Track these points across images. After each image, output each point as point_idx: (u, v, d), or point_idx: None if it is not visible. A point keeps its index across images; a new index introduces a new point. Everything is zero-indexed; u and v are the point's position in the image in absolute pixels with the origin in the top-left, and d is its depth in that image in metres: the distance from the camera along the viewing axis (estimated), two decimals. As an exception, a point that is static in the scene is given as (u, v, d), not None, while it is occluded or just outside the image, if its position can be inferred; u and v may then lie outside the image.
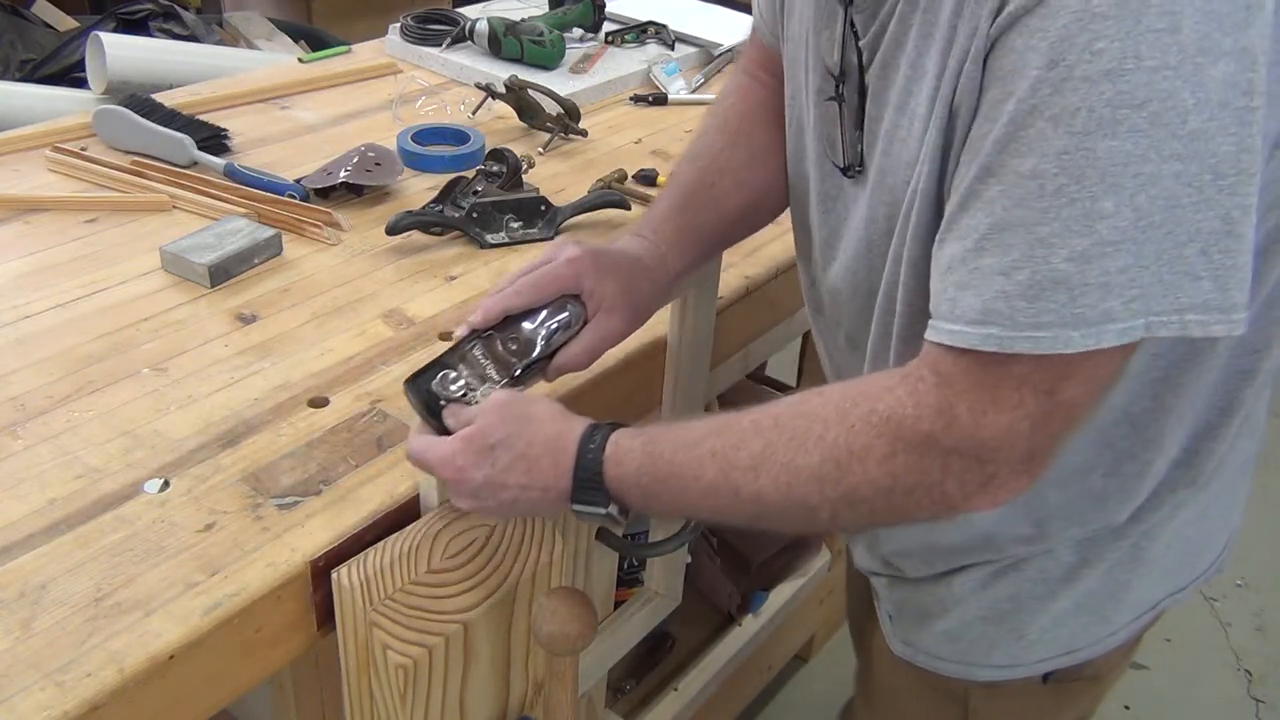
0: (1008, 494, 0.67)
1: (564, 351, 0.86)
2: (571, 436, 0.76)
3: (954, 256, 0.64)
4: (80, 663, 0.70)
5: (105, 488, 0.85)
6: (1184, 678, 2.09)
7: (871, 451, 0.67)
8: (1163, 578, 0.91)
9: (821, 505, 0.69)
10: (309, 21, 3.25)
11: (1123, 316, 0.60)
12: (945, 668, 0.95)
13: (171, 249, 1.12)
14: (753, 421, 0.72)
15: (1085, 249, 0.59)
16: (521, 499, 0.77)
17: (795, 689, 2.02)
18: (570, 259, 0.87)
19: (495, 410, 0.78)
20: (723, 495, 0.72)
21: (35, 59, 2.28)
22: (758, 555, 1.83)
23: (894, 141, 0.74)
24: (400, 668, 0.80)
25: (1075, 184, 0.58)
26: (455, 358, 0.84)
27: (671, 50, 1.83)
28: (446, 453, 0.77)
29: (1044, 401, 0.63)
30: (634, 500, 0.76)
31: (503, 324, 0.85)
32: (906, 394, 0.66)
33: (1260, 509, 1.01)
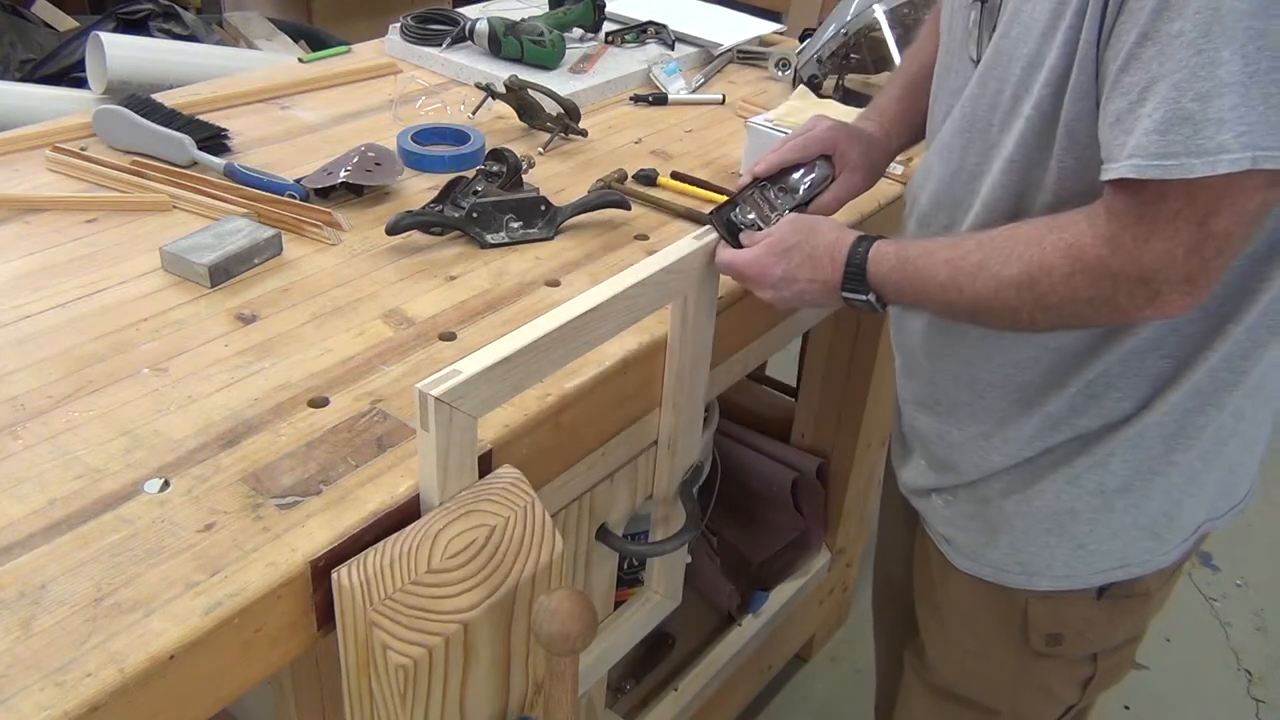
0: (1175, 309, 0.81)
1: (818, 199, 1.12)
2: (845, 242, 0.98)
3: (1120, 109, 0.78)
4: (80, 663, 0.70)
5: (105, 488, 0.85)
6: (1184, 678, 2.09)
7: (1057, 269, 0.83)
8: (1208, 502, 1.04)
9: (1020, 308, 0.86)
10: (309, 21, 3.24)
11: (1233, 148, 0.73)
12: (1009, 578, 1.08)
13: (171, 249, 1.12)
14: (977, 240, 0.90)
15: (1207, 90, 0.73)
16: (808, 290, 1.00)
17: (795, 689, 2.02)
18: (829, 127, 1.12)
19: (789, 224, 1.03)
20: (950, 292, 0.90)
21: (35, 59, 2.27)
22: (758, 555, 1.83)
23: (1014, 24, 0.89)
24: (400, 668, 0.80)
25: (1204, 38, 0.72)
26: (741, 198, 1.10)
27: (671, 50, 1.83)
28: (751, 256, 1.02)
29: (1196, 231, 0.77)
30: (888, 292, 0.96)
31: (775, 176, 1.12)
32: (1088, 225, 0.82)
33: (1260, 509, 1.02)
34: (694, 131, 1.59)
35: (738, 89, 1.76)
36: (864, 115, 1.21)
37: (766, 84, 1.79)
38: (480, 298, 1.14)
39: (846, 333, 1.72)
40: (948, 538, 1.12)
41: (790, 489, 1.84)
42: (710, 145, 1.55)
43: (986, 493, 1.06)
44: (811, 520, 1.86)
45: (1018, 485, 1.03)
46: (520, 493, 0.89)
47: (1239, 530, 2.40)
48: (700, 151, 1.52)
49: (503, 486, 0.89)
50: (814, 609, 1.94)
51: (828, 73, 1.69)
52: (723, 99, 1.70)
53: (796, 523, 1.86)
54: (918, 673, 1.27)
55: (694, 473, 1.22)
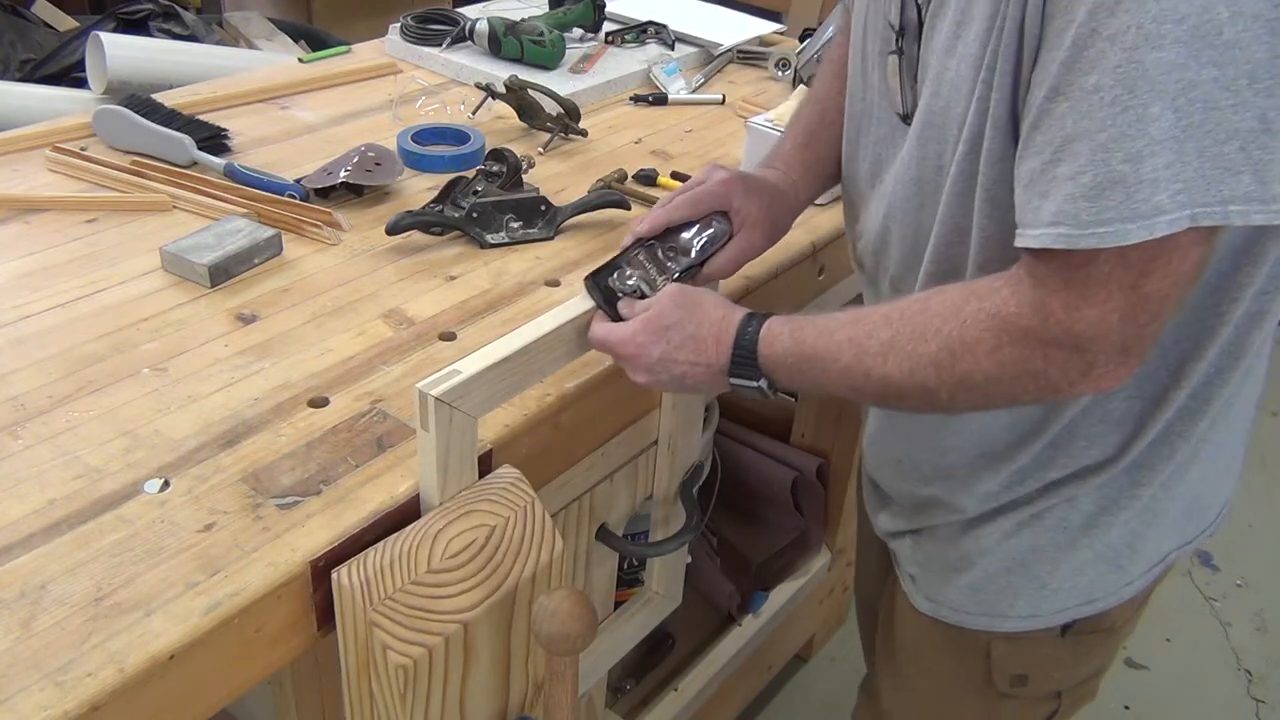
0: (1110, 381, 0.75)
1: (712, 261, 1.00)
2: (732, 321, 0.88)
3: (1033, 170, 0.72)
4: (80, 663, 0.70)
5: (105, 488, 0.85)
6: (1184, 678, 2.09)
7: (981, 343, 0.76)
8: (1174, 529, 0.98)
9: (940, 388, 0.79)
10: (309, 21, 3.24)
11: (1170, 209, 0.67)
12: (969, 620, 1.02)
13: (171, 249, 1.13)
14: (883, 314, 0.82)
15: (1139, 150, 0.67)
16: (690, 374, 0.89)
17: (795, 689, 2.02)
18: (722, 180, 1.00)
19: (669, 298, 0.91)
20: (855, 377, 0.82)
21: (35, 59, 2.28)
22: (758, 555, 1.83)
23: (941, 83, 0.82)
24: (400, 668, 0.80)
25: (1129, 94, 0.66)
26: (624, 261, 0.97)
27: (671, 50, 1.83)
28: (626, 333, 0.90)
29: (1129, 296, 0.71)
30: (781, 378, 0.87)
31: (663, 234, 0.99)
32: (1010, 293, 0.75)
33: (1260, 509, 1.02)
34: (694, 131, 1.59)
35: (738, 89, 1.76)
36: (765, 164, 1.09)
37: (766, 84, 1.79)
38: (480, 298, 1.14)
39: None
40: (913, 576, 1.07)
41: (790, 489, 1.84)
42: (710, 145, 1.55)
43: (947, 532, 1.01)
44: (811, 520, 1.86)
45: (977, 525, 0.98)
46: (520, 493, 0.89)
47: (1239, 530, 2.41)
48: (700, 151, 1.52)
49: (503, 486, 0.89)
50: (814, 609, 1.94)
51: (828, 73, 1.68)
52: (723, 99, 1.70)
53: (796, 523, 1.86)
54: (871, 714, 1.23)
55: (694, 473, 1.22)
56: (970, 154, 0.81)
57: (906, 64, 0.88)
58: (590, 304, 0.94)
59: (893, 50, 0.89)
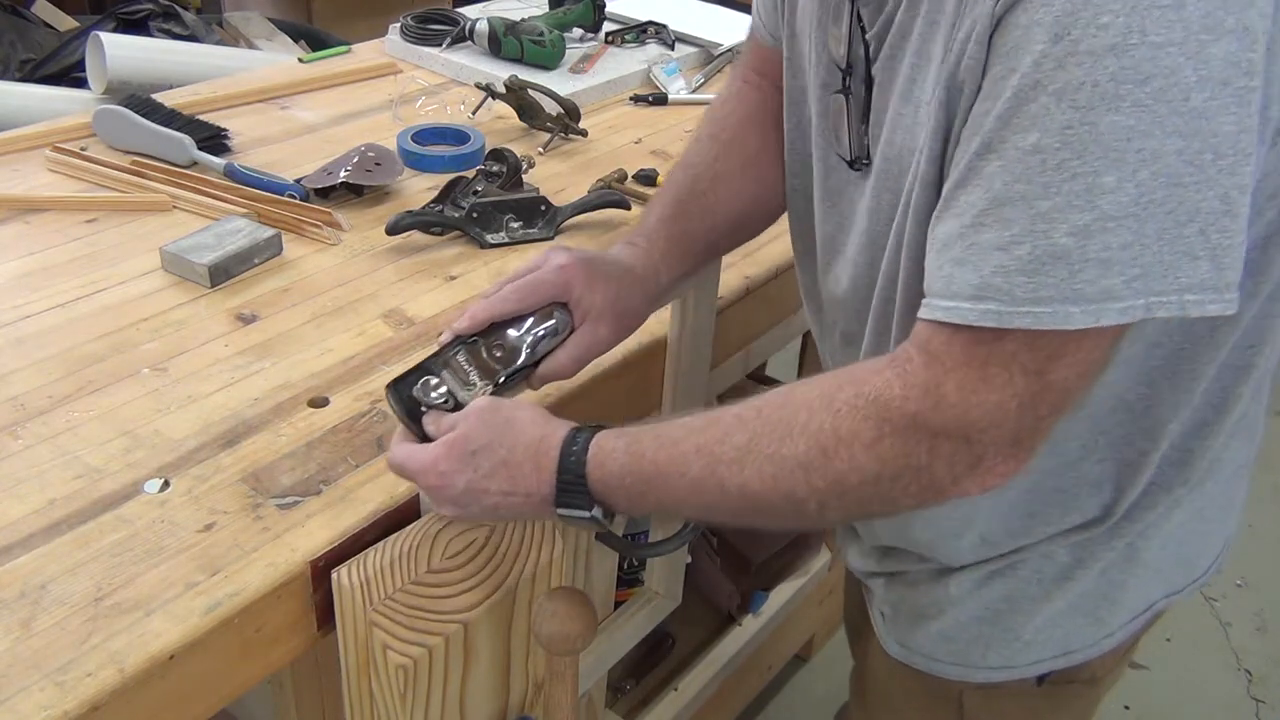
0: (996, 478, 0.66)
1: (550, 359, 0.86)
2: (553, 441, 0.76)
3: (950, 233, 0.63)
4: (80, 663, 0.70)
5: (105, 488, 0.85)
6: (1184, 678, 2.09)
7: (858, 436, 0.66)
8: (1158, 579, 0.91)
9: (809, 496, 0.68)
10: (309, 21, 3.25)
11: (1124, 295, 0.59)
12: (940, 669, 0.95)
13: (171, 249, 1.12)
14: (736, 415, 0.71)
15: (1087, 224, 0.58)
16: (504, 505, 0.77)
17: (795, 689, 2.02)
18: (560, 266, 0.86)
19: (476, 416, 0.78)
20: (709, 491, 0.71)
21: (35, 59, 2.28)
22: (758, 555, 1.83)
23: (897, 130, 0.74)
24: (400, 668, 0.80)
25: (1078, 158, 0.58)
26: (439, 363, 0.82)
27: (671, 50, 1.83)
28: (427, 460, 0.77)
29: (1033, 382, 0.63)
30: (618, 501, 0.75)
31: (488, 330, 0.84)
32: (894, 375, 0.66)
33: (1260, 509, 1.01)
34: (693, 131, 1.59)
35: (738, 89, 1.76)
36: (627, 239, 0.94)
37: (766, 84, 1.79)
38: (480, 298, 1.14)
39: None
40: (884, 614, 0.99)
41: (790, 489, 1.83)
42: (710, 145, 1.55)
43: (916, 576, 0.93)
44: (811, 520, 1.85)
45: (948, 572, 0.91)
46: (520, 493, 0.89)
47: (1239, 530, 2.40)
48: (700, 151, 1.52)
49: (503, 486, 0.89)
50: (814, 609, 1.94)
51: (827, 73, 1.68)
52: (723, 99, 1.70)
53: (796, 523, 1.85)
54: None
55: (694, 473, 1.22)
56: (902, 211, 0.73)
57: (854, 104, 0.79)
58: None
59: (838, 90, 0.80)
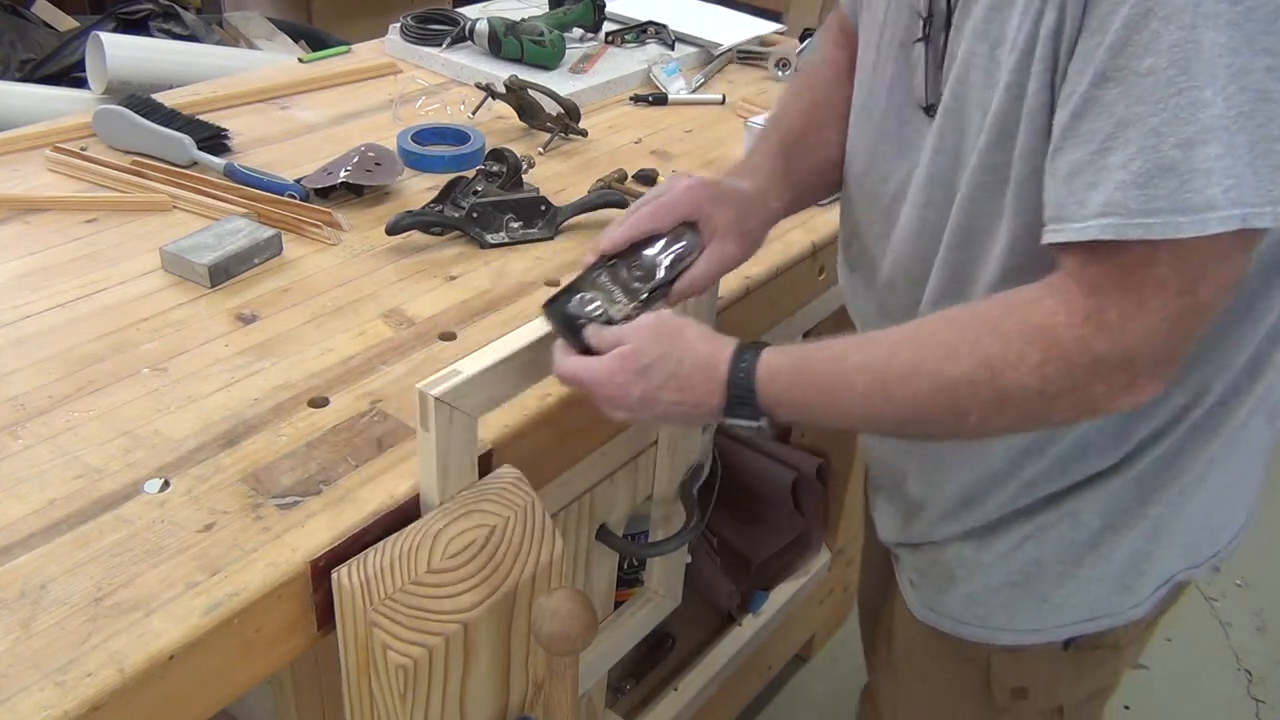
0: (1145, 395, 0.71)
1: (685, 276, 0.91)
2: (723, 356, 0.81)
3: (1079, 160, 0.68)
4: (80, 663, 0.70)
5: (105, 488, 0.85)
6: (1184, 678, 2.09)
7: (1025, 359, 0.70)
8: (1182, 551, 0.94)
9: (972, 409, 0.73)
10: (309, 21, 3.24)
11: (1222, 205, 0.63)
12: (968, 631, 0.98)
13: (171, 249, 1.13)
14: (899, 336, 0.77)
15: (1191, 136, 0.63)
16: (674, 412, 0.82)
17: (795, 689, 2.02)
18: (687, 188, 0.91)
19: (648, 330, 0.82)
20: (874, 402, 0.76)
21: (35, 59, 2.28)
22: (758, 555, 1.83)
23: (969, 69, 0.78)
24: (400, 668, 0.80)
25: (1183, 75, 0.62)
26: (585, 283, 0.87)
27: (671, 50, 1.83)
28: (601, 372, 0.82)
29: (1183, 301, 0.67)
30: (783, 413, 0.80)
31: (627, 251, 0.89)
32: (1057, 303, 0.70)
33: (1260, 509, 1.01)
34: (694, 131, 1.59)
35: (738, 89, 1.76)
36: (733, 173, 0.99)
37: (766, 84, 1.79)
38: (480, 298, 1.14)
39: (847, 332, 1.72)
40: (914, 584, 1.04)
41: (790, 489, 1.84)
42: (710, 145, 1.55)
43: (947, 542, 0.97)
44: (811, 520, 1.85)
45: (979, 535, 0.94)
46: (520, 493, 0.89)
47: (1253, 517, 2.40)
48: (700, 151, 1.52)
49: (503, 486, 0.89)
50: (814, 609, 1.94)
51: (828, 73, 1.68)
52: (723, 99, 1.70)
53: (796, 523, 1.86)
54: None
55: (694, 473, 1.22)
56: (995, 147, 0.76)
57: (933, 53, 0.83)
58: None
59: (919, 38, 0.85)
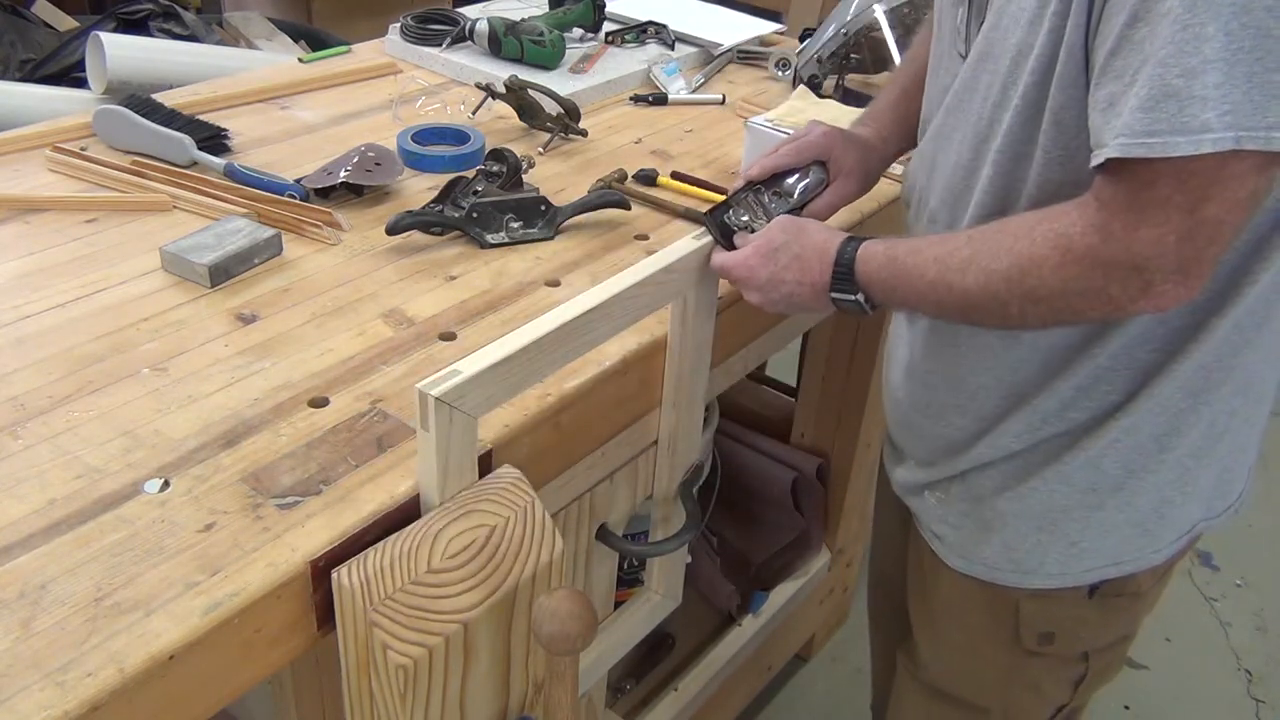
0: (1170, 300, 0.79)
1: (813, 205, 1.11)
2: (834, 243, 0.97)
3: (1113, 94, 0.77)
4: (80, 663, 0.70)
5: (105, 488, 0.85)
6: (1184, 678, 2.09)
7: (1047, 260, 0.82)
8: (1202, 501, 1.03)
9: (1010, 301, 0.85)
10: (309, 21, 3.24)
11: (1217, 128, 0.71)
12: (1001, 577, 1.07)
13: (171, 249, 1.13)
14: (967, 235, 0.89)
15: (1193, 66, 0.71)
16: (796, 293, 0.99)
17: (795, 689, 2.02)
18: (824, 133, 1.12)
19: (778, 225, 1.02)
20: (940, 289, 0.89)
21: (35, 59, 2.27)
22: (758, 555, 1.83)
23: (1003, 15, 0.88)
24: (400, 668, 0.80)
25: (1189, 12, 0.71)
26: (736, 200, 1.09)
27: (671, 50, 1.83)
28: (741, 257, 1.02)
29: (1186, 219, 0.75)
30: (876, 292, 0.95)
31: (769, 180, 1.12)
32: (1078, 215, 0.81)
33: (1260, 509, 1.02)
34: (694, 131, 1.59)
35: (738, 89, 1.76)
36: (859, 121, 1.20)
37: (766, 84, 1.79)
38: (480, 298, 1.14)
39: (846, 333, 1.72)
40: (940, 535, 1.12)
41: (790, 489, 1.84)
42: (710, 145, 1.55)
43: (979, 490, 1.05)
44: (811, 520, 1.86)
45: (1010, 482, 1.03)
46: (520, 493, 0.89)
47: (1239, 530, 2.40)
48: (700, 151, 1.52)
49: (503, 486, 0.89)
50: (814, 609, 1.94)
51: (828, 73, 1.69)
52: (723, 99, 1.70)
53: (796, 523, 1.86)
54: (910, 672, 1.27)
55: (694, 473, 1.22)
56: (1039, 81, 0.85)
57: (975, 9, 0.94)
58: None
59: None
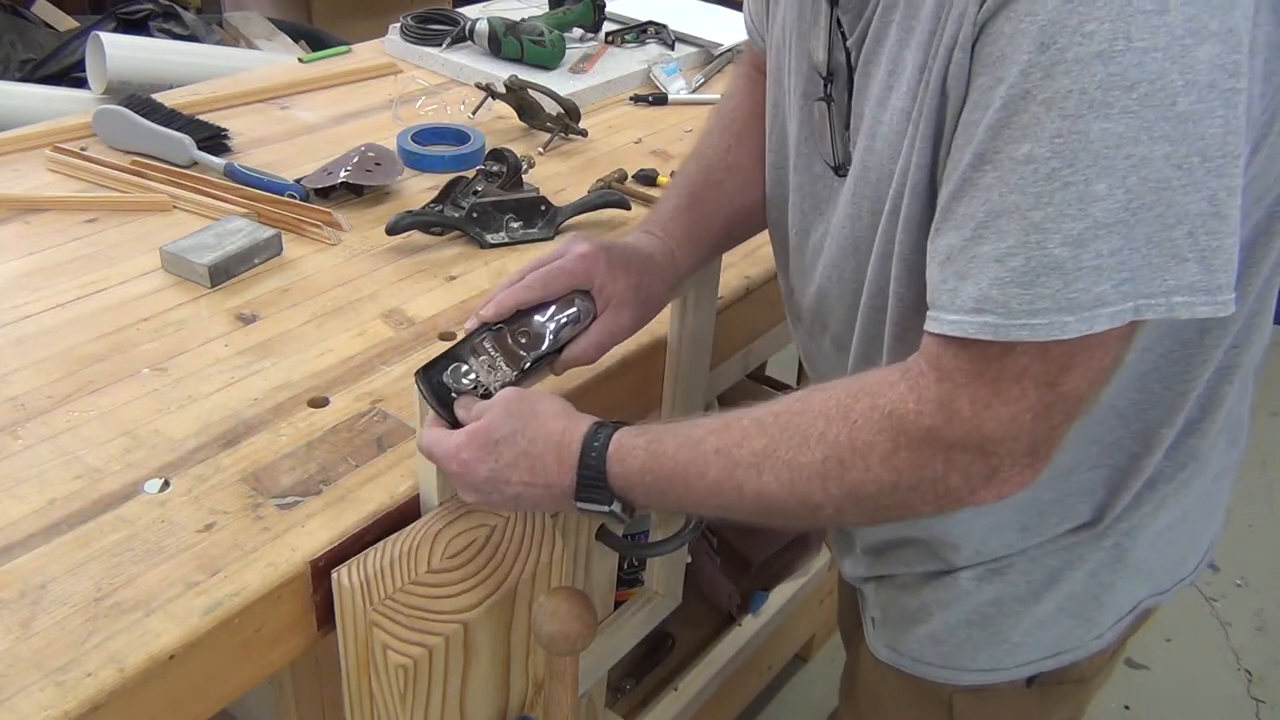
0: (1013, 487, 0.67)
1: (572, 346, 0.88)
2: (575, 435, 0.77)
3: (952, 246, 0.64)
4: (80, 663, 0.70)
5: (105, 488, 0.85)
6: (1184, 678, 2.09)
7: (875, 448, 0.67)
8: (1146, 579, 0.91)
9: (825, 502, 0.70)
10: (309, 21, 3.24)
11: (1113, 300, 0.60)
12: (929, 671, 0.95)
13: (171, 249, 1.13)
14: (755, 419, 0.73)
15: (1080, 233, 0.59)
16: (525, 495, 0.79)
17: (795, 689, 2.02)
18: (581, 255, 0.88)
19: (502, 406, 0.79)
20: (727, 493, 0.72)
21: (35, 59, 2.28)
22: (758, 555, 1.83)
23: (875, 138, 0.74)
24: (400, 668, 0.80)
25: (1068, 167, 0.58)
26: (466, 350, 0.85)
27: (671, 50, 1.83)
28: (452, 447, 0.79)
29: (1046, 393, 0.64)
30: (637, 498, 0.77)
31: (513, 318, 0.87)
32: (908, 389, 0.67)
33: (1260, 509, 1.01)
34: (694, 131, 1.59)
35: (738, 89, 1.76)
36: (643, 228, 0.97)
37: (766, 84, 1.79)
38: (480, 298, 1.13)
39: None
40: (874, 619, 1.00)
41: (790, 489, 1.83)
42: (710, 145, 1.55)
43: (904, 581, 0.95)
44: (811, 520, 1.85)
45: (936, 577, 0.92)
46: (520, 493, 0.89)
47: (1239, 530, 2.40)
48: (700, 151, 1.52)
49: (503, 486, 0.89)
50: (814, 609, 1.94)
51: (827, 73, 1.68)
52: (723, 99, 1.70)
53: (796, 523, 1.85)
54: None
55: (694, 473, 1.22)
56: (890, 217, 0.74)
57: (837, 111, 0.80)
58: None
59: (820, 97, 0.81)
